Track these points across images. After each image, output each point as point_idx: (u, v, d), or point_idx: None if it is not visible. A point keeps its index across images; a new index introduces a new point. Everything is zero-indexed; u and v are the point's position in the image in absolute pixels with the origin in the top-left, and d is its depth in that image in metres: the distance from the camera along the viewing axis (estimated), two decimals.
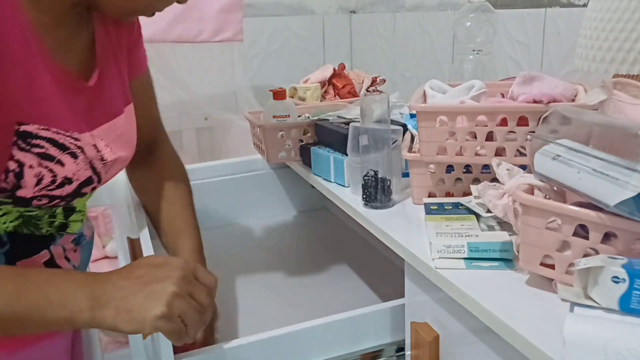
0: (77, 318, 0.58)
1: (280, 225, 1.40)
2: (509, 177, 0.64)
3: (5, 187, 0.61)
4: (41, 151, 0.62)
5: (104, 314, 0.58)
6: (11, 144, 0.60)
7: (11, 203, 0.63)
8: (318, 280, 1.12)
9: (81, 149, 0.66)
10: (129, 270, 0.62)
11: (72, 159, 0.65)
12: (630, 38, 0.70)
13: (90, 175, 0.68)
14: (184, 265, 0.63)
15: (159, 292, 0.59)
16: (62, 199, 0.66)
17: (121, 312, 0.58)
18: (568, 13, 1.14)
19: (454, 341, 0.69)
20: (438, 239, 0.67)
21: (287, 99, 1.17)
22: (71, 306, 0.58)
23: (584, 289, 0.51)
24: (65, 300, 0.58)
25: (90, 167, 0.68)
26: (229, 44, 1.81)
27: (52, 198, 0.65)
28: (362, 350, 0.82)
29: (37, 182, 0.62)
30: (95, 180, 0.69)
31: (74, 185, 0.66)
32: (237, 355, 0.75)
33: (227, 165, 1.33)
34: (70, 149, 0.65)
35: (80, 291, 0.59)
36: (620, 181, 0.49)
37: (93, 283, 0.60)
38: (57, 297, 0.58)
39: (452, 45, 1.53)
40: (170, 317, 0.58)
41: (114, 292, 0.59)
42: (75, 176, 0.66)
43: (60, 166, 0.64)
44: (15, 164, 0.60)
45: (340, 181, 0.98)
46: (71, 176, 0.65)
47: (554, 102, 0.74)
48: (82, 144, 0.66)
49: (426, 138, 0.79)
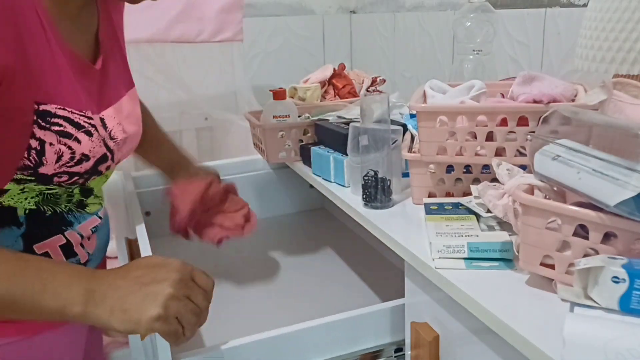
0: (69, 310, 0.58)
1: (279, 225, 1.40)
2: (509, 177, 0.64)
3: (29, 165, 0.64)
4: (60, 129, 0.65)
5: (97, 311, 0.58)
6: (32, 123, 0.63)
7: (34, 181, 0.66)
8: (317, 280, 1.12)
9: (95, 127, 0.69)
10: (126, 270, 0.62)
11: (88, 137, 0.68)
12: (630, 38, 0.70)
13: (105, 152, 0.71)
14: (182, 267, 0.63)
15: (155, 294, 0.59)
16: (80, 176, 0.69)
17: (116, 312, 0.58)
18: (568, 13, 1.14)
19: (454, 341, 0.69)
20: (438, 239, 0.67)
21: (287, 99, 1.17)
22: (64, 297, 0.58)
23: (584, 289, 0.51)
24: (59, 290, 0.58)
25: (104, 145, 0.71)
26: (229, 44, 1.81)
27: (72, 175, 0.68)
28: (361, 351, 0.82)
29: (57, 159, 0.65)
30: (109, 158, 0.73)
31: (91, 162, 0.69)
32: (236, 355, 0.75)
33: (227, 165, 1.33)
34: (85, 127, 0.68)
35: (76, 284, 0.59)
36: (620, 181, 0.49)
37: (90, 278, 0.60)
38: (53, 286, 0.59)
39: (452, 45, 1.53)
40: (166, 318, 0.58)
41: (110, 291, 0.59)
42: (92, 153, 0.69)
43: (77, 143, 0.67)
44: (37, 142, 0.64)
45: (340, 181, 0.98)
46: (88, 153, 0.68)
47: (554, 102, 0.74)
48: (95, 123, 0.70)
49: (426, 138, 0.79)
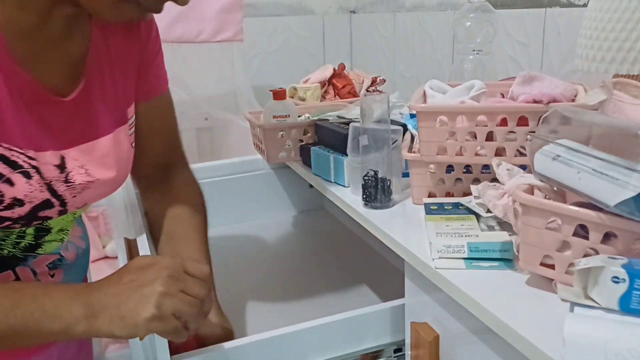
0: (73, 329, 0.58)
1: (279, 225, 1.40)
2: (509, 177, 0.64)
3: None
4: None
5: (98, 323, 0.58)
6: None
7: None
8: (317, 280, 1.12)
9: (36, 168, 0.62)
10: (119, 276, 0.62)
11: (24, 179, 0.60)
12: (630, 38, 0.70)
13: (47, 198, 0.63)
14: (171, 263, 0.62)
15: (147, 295, 0.59)
16: (14, 222, 0.62)
17: (115, 320, 0.58)
18: (568, 13, 1.14)
19: (454, 341, 0.69)
20: (438, 239, 0.67)
21: (287, 99, 1.17)
22: (66, 317, 0.58)
23: (584, 289, 0.51)
24: (60, 312, 0.58)
25: (47, 189, 0.63)
26: (229, 44, 1.81)
27: (1, 220, 0.61)
28: (361, 351, 0.82)
29: None
30: (57, 204, 0.65)
31: (26, 207, 0.61)
32: (236, 355, 0.75)
33: (227, 165, 1.33)
34: (23, 168, 0.60)
35: (75, 303, 0.59)
36: (620, 181, 0.49)
37: (86, 294, 0.60)
38: (52, 309, 0.58)
39: (452, 45, 1.53)
40: (161, 317, 0.58)
41: (106, 300, 0.59)
42: (28, 198, 0.61)
43: (9, 186, 0.59)
44: None
45: (340, 181, 0.98)
46: (22, 197, 0.61)
47: (554, 102, 0.74)
48: (37, 164, 0.62)
49: (426, 138, 0.79)
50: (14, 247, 0.67)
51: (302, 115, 1.21)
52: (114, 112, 0.72)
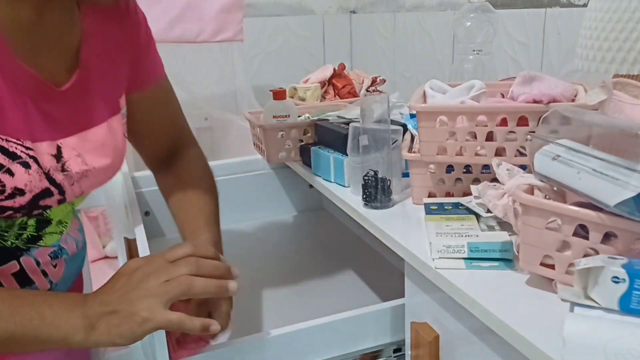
0: (71, 338, 0.58)
1: (279, 225, 1.40)
2: (509, 177, 0.64)
3: None
4: None
5: (97, 333, 0.59)
6: None
7: None
8: (317, 280, 1.12)
9: (34, 158, 0.63)
10: (112, 284, 0.62)
11: (24, 169, 0.61)
12: (630, 38, 0.70)
13: (47, 187, 0.64)
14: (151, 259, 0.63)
15: (138, 300, 0.59)
16: (16, 211, 0.63)
17: (112, 329, 0.58)
18: (568, 13, 1.14)
19: (454, 341, 0.69)
20: (438, 239, 0.67)
21: (287, 99, 1.17)
22: (64, 328, 0.58)
23: (584, 289, 0.51)
24: (57, 322, 0.58)
25: (46, 179, 0.64)
26: (229, 44, 1.81)
27: (3, 209, 0.61)
28: (361, 351, 0.82)
29: None
30: (56, 193, 0.65)
31: (27, 197, 0.62)
32: (236, 355, 0.75)
33: (227, 165, 1.33)
34: (22, 159, 0.61)
35: (73, 314, 0.59)
36: (620, 181, 0.49)
37: (83, 305, 0.60)
38: (51, 319, 0.58)
39: (452, 45, 1.53)
40: (155, 317, 0.58)
41: (102, 309, 0.59)
42: (28, 187, 0.62)
43: (9, 176, 0.60)
44: None
45: (340, 181, 0.98)
46: (23, 187, 0.62)
47: (554, 102, 0.74)
48: (35, 154, 0.63)
49: (426, 138, 0.79)
50: (17, 239, 0.68)
51: (302, 115, 1.21)
52: (108, 102, 0.74)
